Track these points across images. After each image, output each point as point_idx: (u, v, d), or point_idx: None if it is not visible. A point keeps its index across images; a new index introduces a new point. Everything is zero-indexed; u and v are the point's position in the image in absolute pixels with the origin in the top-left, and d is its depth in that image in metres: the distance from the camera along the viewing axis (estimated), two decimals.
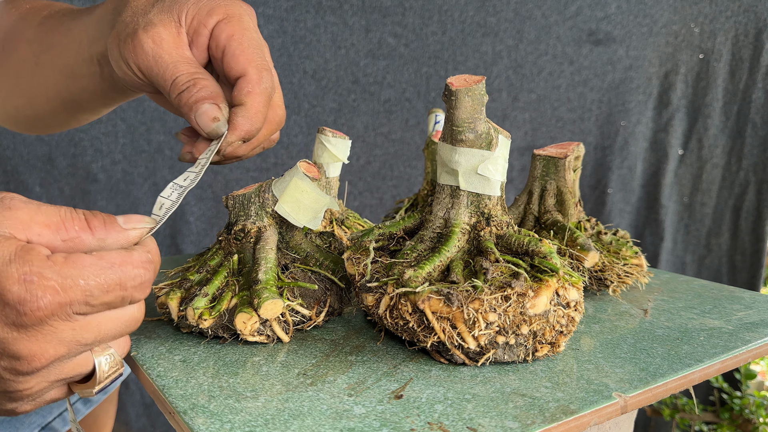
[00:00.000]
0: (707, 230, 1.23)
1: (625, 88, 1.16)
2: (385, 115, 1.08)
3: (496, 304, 0.35)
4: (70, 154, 0.97)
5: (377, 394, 0.33)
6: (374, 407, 0.32)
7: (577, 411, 0.31)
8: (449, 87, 0.37)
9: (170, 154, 1.02)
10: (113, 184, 1.00)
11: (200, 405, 0.31)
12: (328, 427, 0.29)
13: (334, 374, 0.35)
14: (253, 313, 0.38)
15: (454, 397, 0.33)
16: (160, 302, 0.41)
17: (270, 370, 0.36)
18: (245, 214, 0.42)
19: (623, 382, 0.35)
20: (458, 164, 0.38)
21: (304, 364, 0.37)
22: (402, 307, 0.36)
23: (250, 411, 0.31)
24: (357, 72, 1.05)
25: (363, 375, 0.35)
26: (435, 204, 0.41)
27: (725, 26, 1.14)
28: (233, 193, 0.43)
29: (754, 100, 1.16)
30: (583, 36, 1.12)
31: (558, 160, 0.52)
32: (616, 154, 1.18)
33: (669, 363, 0.38)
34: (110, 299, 0.29)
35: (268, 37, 1.01)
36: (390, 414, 0.31)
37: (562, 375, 0.36)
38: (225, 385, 0.34)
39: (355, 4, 1.03)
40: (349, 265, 0.41)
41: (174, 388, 0.33)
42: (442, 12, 1.06)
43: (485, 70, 1.10)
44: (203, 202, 1.05)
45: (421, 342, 0.36)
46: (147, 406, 1.08)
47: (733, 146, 1.19)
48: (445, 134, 0.39)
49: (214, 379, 0.34)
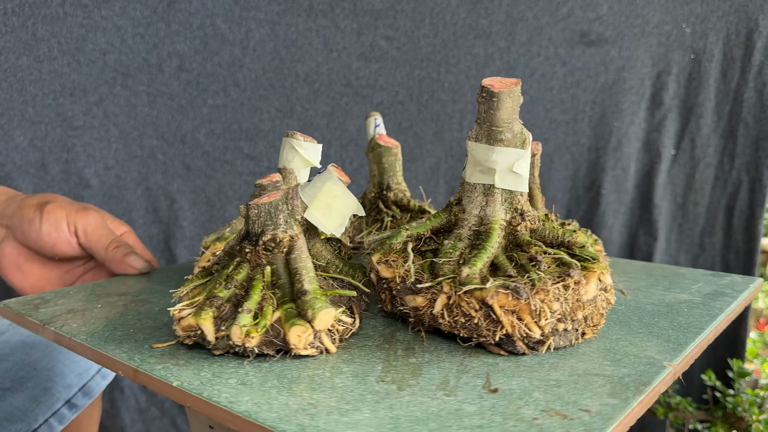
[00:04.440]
0: (701, 229, 1.23)
1: (617, 89, 1.16)
2: None
3: (558, 294, 0.37)
4: (62, 160, 0.97)
5: (471, 390, 0.33)
6: (481, 403, 0.32)
7: (650, 382, 0.34)
8: (490, 89, 0.39)
9: (163, 159, 1.02)
10: (106, 189, 1.00)
11: (308, 424, 0.29)
12: (456, 427, 0.29)
13: (411, 377, 0.35)
14: (307, 325, 0.36)
15: (541, 384, 0.34)
16: (188, 324, 0.37)
17: (344, 381, 0.34)
18: (273, 223, 0.40)
19: (662, 353, 0.38)
20: (495, 163, 0.40)
21: (372, 371, 0.36)
22: (465, 305, 0.37)
23: (365, 423, 0.30)
24: (349, 75, 1.05)
25: (439, 374, 0.35)
26: (467, 203, 0.42)
27: (716, 26, 1.14)
28: (255, 202, 0.40)
29: (745, 99, 1.16)
30: (575, 37, 1.12)
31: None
32: (609, 155, 1.18)
33: (681, 332, 0.42)
34: None
35: (260, 41, 1.01)
36: (501, 407, 0.31)
37: (611, 354, 0.38)
38: (313, 401, 0.32)
39: (346, 8, 1.03)
40: (384, 269, 0.41)
41: (263, 413, 0.31)
42: (434, 15, 1.06)
43: (477, 72, 1.10)
44: (196, 207, 1.05)
45: (485, 337, 0.37)
46: (142, 411, 1.08)
47: (725, 146, 1.20)
48: (479, 135, 0.40)
49: (296, 398, 0.32)
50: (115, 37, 0.96)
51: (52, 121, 0.96)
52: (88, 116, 0.97)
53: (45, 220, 0.59)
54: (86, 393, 0.73)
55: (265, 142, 1.06)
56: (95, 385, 0.75)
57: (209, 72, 1.01)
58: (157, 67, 0.98)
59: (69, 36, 0.94)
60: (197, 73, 1.00)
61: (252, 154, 1.05)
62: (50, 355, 0.73)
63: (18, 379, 0.68)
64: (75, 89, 0.96)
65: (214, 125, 1.03)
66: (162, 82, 0.99)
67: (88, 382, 0.74)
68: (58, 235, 0.59)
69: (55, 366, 0.72)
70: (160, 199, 1.03)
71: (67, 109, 0.96)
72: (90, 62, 0.95)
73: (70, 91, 0.95)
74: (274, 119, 1.05)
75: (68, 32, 0.93)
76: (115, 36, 0.96)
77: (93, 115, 0.97)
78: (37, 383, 0.69)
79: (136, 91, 0.98)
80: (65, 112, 0.96)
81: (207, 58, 1.00)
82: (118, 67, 0.97)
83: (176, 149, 1.02)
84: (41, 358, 0.72)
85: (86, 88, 0.96)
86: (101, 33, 0.95)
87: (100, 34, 0.95)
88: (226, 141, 1.04)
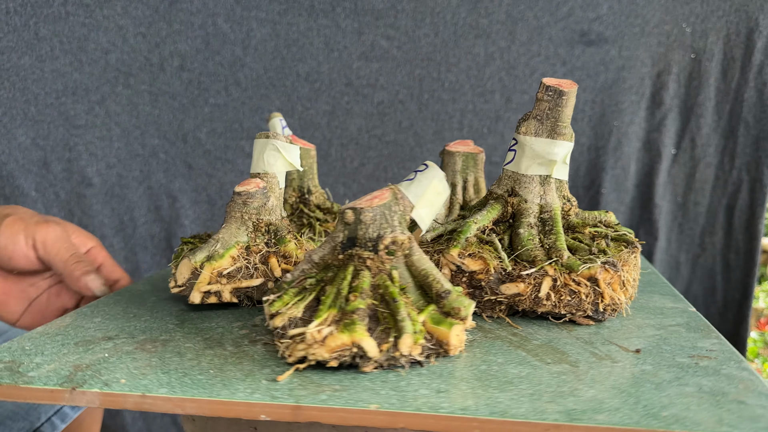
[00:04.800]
0: (701, 229, 1.23)
1: (617, 89, 1.16)
2: (378, 118, 1.08)
3: (633, 265, 0.44)
4: (65, 159, 0.98)
5: (626, 355, 0.39)
6: (645, 362, 0.37)
7: (706, 322, 0.45)
8: (558, 89, 0.43)
9: (164, 157, 1.02)
10: (108, 188, 1.01)
11: (569, 409, 0.30)
12: (650, 385, 0.34)
13: (563, 356, 0.38)
14: (462, 323, 0.36)
15: (655, 339, 0.42)
16: (340, 343, 0.34)
17: (523, 370, 0.36)
18: (390, 226, 0.38)
19: (678, 302, 0.52)
20: (556, 155, 0.44)
21: (527, 357, 0.38)
22: (571, 284, 0.42)
23: (599, 398, 0.32)
24: (350, 74, 1.06)
25: (582, 350, 0.40)
26: (526, 193, 0.46)
27: (717, 26, 1.14)
28: (364, 206, 0.37)
29: (746, 99, 1.16)
30: (575, 37, 1.13)
31: (476, 155, 0.59)
32: (609, 154, 1.18)
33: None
34: None
35: (261, 40, 1.02)
36: (667, 364, 0.37)
37: (654, 309, 0.49)
38: (529, 391, 0.32)
39: (347, 7, 1.03)
40: (472, 261, 0.43)
41: (506, 410, 0.30)
42: (435, 14, 1.07)
43: (478, 71, 1.10)
44: (198, 206, 1.05)
45: (583, 311, 0.43)
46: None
47: (725, 145, 1.20)
48: (540, 130, 0.44)
49: (506, 393, 0.32)
50: (116, 36, 0.96)
51: (55, 120, 0.96)
52: (90, 115, 0.98)
53: (2, 233, 0.58)
54: None
55: None
56: None
57: (211, 71, 1.01)
58: (159, 67, 0.99)
59: (71, 35, 0.94)
60: (199, 73, 1.01)
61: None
62: None
63: None
64: (77, 88, 0.96)
65: (215, 124, 1.03)
66: (164, 82, 1.00)
67: None
68: (14, 248, 0.58)
69: None
70: (161, 197, 1.04)
71: (70, 108, 0.96)
72: (92, 61, 0.96)
73: (72, 90, 0.96)
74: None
75: (70, 32, 0.94)
76: (117, 35, 0.96)
77: (95, 114, 0.98)
78: None
79: (137, 90, 0.99)
80: (67, 111, 0.96)
81: (208, 58, 1.01)
82: (119, 66, 0.97)
83: (178, 148, 1.02)
84: None
85: (88, 87, 0.97)
86: (103, 32, 0.96)
87: (102, 34, 0.96)
88: (228, 140, 1.04)
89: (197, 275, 0.46)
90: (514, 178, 0.46)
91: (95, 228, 1.02)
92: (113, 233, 1.03)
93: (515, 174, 0.46)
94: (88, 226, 1.01)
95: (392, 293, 0.36)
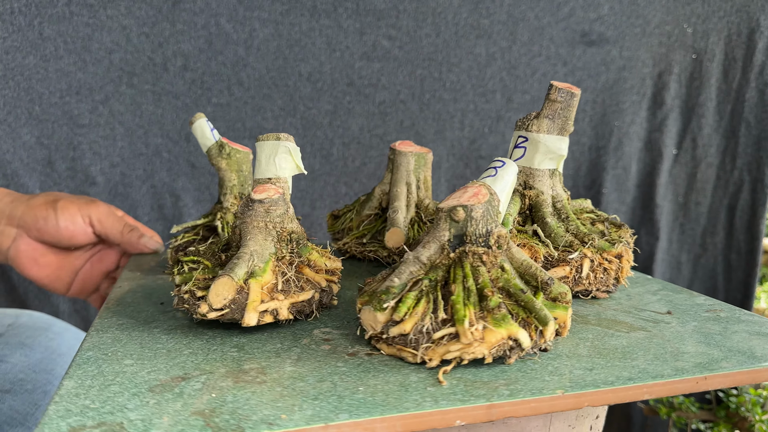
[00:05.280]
0: (702, 229, 1.24)
1: (618, 89, 1.16)
2: (380, 117, 1.09)
3: (630, 244, 0.51)
4: (69, 158, 0.99)
5: (668, 319, 0.45)
6: (690, 322, 0.45)
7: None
8: (570, 91, 0.48)
9: (168, 156, 1.03)
10: (112, 187, 1.02)
11: (671, 371, 0.35)
12: (738, 338, 0.41)
13: (628, 325, 0.44)
14: (569, 307, 0.39)
15: (664, 303, 0.50)
16: (499, 338, 0.34)
17: (616, 341, 0.40)
18: (494, 221, 0.39)
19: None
20: (564, 150, 0.49)
21: (605, 331, 0.43)
22: (604, 263, 0.48)
23: (689, 354, 0.38)
24: (352, 74, 1.06)
25: (630, 318, 0.46)
26: (540, 186, 0.50)
27: (718, 26, 1.15)
28: (472, 203, 0.38)
29: (747, 99, 1.17)
30: (577, 37, 1.13)
31: (425, 155, 0.61)
32: (610, 154, 1.18)
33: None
34: None
35: (264, 40, 1.02)
36: (703, 319, 0.46)
37: (639, 284, 0.58)
38: (636, 359, 0.37)
39: (349, 8, 1.04)
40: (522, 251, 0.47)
41: (634, 377, 0.35)
42: (436, 14, 1.07)
43: (479, 71, 1.11)
44: (201, 204, 1.06)
45: (606, 285, 0.49)
46: None
47: (727, 145, 1.20)
48: (551, 128, 0.48)
49: (620, 361, 0.36)
50: (120, 36, 0.97)
51: (59, 119, 0.97)
52: (94, 114, 0.98)
53: (60, 215, 0.65)
54: None
55: None
56: None
57: (213, 71, 1.02)
58: (162, 66, 1.00)
59: (75, 35, 0.95)
60: (202, 72, 1.01)
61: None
62: (49, 357, 0.73)
63: (17, 381, 0.68)
64: (81, 88, 0.97)
65: (218, 123, 1.04)
66: (167, 81, 1.00)
67: None
68: (75, 227, 0.66)
69: (54, 369, 0.72)
70: (165, 196, 1.04)
71: (74, 107, 0.97)
72: (96, 61, 0.97)
73: (76, 90, 0.97)
74: (278, 118, 1.06)
75: (74, 31, 0.95)
76: (121, 35, 0.97)
77: (99, 113, 0.99)
78: (36, 386, 0.69)
79: (141, 90, 1.00)
80: (71, 111, 0.97)
81: (211, 58, 1.01)
82: (123, 66, 0.98)
83: (181, 147, 1.03)
84: (40, 361, 0.72)
85: (92, 86, 0.97)
86: (107, 32, 0.96)
87: (105, 34, 0.96)
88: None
89: (243, 294, 0.40)
90: (527, 173, 0.50)
91: None
92: None
93: (528, 168, 0.50)
94: None
95: (515, 286, 0.37)
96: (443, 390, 0.32)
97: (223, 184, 0.61)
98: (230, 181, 0.60)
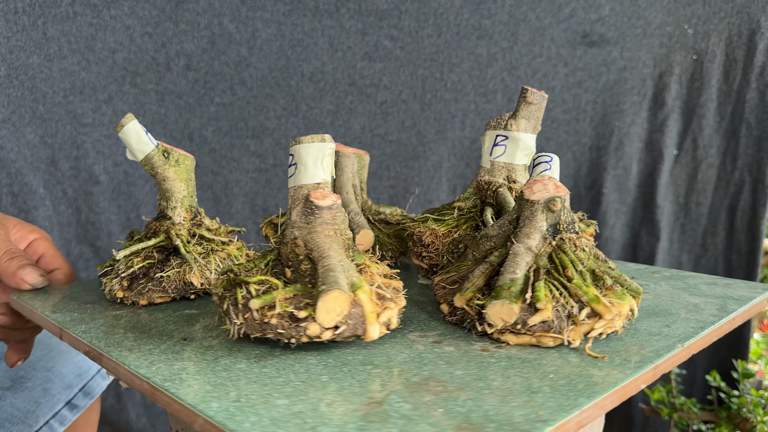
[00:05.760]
0: (703, 230, 1.24)
1: (619, 89, 1.17)
2: (381, 117, 1.09)
3: None
4: (72, 157, 0.99)
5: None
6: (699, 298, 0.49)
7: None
8: (542, 94, 0.51)
9: None
10: (115, 186, 1.02)
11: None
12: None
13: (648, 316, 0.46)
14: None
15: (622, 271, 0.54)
16: (627, 310, 0.38)
17: (646, 324, 0.42)
18: (570, 210, 0.42)
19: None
20: (534, 147, 0.52)
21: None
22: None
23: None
24: (354, 74, 1.07)
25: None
26: (521, 179, 0.53)
27: (719, 27, 1.15)
28: (563, 194, 0.40)
29: (748, 100, 1.17)
30: (577, 38, 1.14)
31: (363, 157, 0.63)
32: (611, 154, 1.19)
33: None
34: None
35: (267, 40, 1.03)
36: (703, 282, 0.54)
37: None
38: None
39: (351, 8, 1.04)
40: None
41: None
42: (438, 15, 1.08)
43: (480, 72, 1.11)
44: (203, 203, 1.07)
45: None
46: (147, 406, 1.09)
47: (727, 146, 1.20)
48: (527, 127, 0.52)
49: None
50: (124, 36, 0.98)
51: (62, 118, 0.97)
52: (98, 114, 0.99)
53: None
54: (87, 393, 0.72)
55: (271, 139, 1.07)
56: (95, 385, 0.74)
57: (216, 71, 1.03)
58: (165, 66, 1.00)
59: (79, 35, 0.96)
60: (204, 72, 1.02)
61: (258, 152, 1.07)
62: (49, 355, 0.72)
63: (17, 379, 0.68)
64: (85, 87, 0.98)
65: (221, 123, 1.04)
66: (170, 81, 1.01)
67: (88, 383, 0.73)
68: None
69: (54, 366, 0.71)
70: None
71: (77, 106, 0.98)
72: (99, 61, 0.97)
73: (79, 89, 0.97)
74: (280, 117, 1.07)
75: (78, 31, 0.96)
76: (124, 35, 0.98)
77: (102, 112, 0.99)
78: (36, 383, 0.69)
79: (144, 90, 1.00)
80: (75, 110, 0.98)
81: (214, 57, 1.02)
82: (126, 65, 0.99)
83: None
84: (40, 358, 0.71)
85: (96, 86, 0.98)
86: (110, 32, 0.97)
87: (109, 34, 0.97)
88: (233, 138, 1.06)
89: (357, 308, 0.36)
90: (509, 168, 0.53)
91: (102, 225, 1.03)
92: (120, 230, 1.04)
93: (509, 164, 0.53)
94: (95, 223, 1.02)
95: (602, 264, 0.41)
96: (610, 363, 0.35)
97: (170, 195, 0.52)
98: (179, 192, 0.52)
